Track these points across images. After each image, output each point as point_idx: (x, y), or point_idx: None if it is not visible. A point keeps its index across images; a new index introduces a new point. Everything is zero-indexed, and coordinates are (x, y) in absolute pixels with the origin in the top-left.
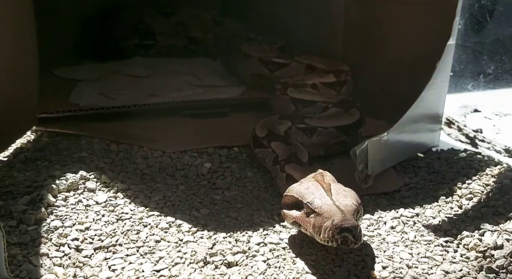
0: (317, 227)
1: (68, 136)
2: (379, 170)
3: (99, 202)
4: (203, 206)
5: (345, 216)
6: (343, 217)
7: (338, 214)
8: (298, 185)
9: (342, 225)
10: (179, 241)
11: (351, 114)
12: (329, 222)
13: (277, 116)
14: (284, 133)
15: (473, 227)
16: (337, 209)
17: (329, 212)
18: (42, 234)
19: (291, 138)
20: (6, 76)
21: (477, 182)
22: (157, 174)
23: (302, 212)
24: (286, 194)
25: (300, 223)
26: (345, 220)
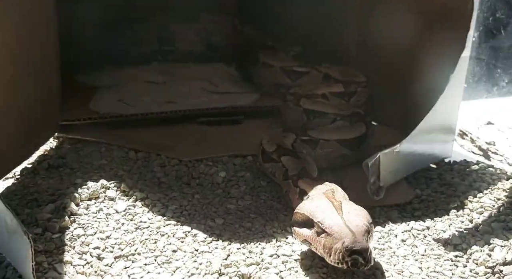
0: (327, 248)
1: (89, 143)
2: (391, 182)
3: (119, 210)
4: (218, 215)
5: (355, 237)
6: (353, 239)
7: (349, 236)
8: (309, 203)
9: (352, 248)
10: (195, 251)
11: (355, 128)
12: (340, 243)
13: (281, 129)
14: (291, 146)
15: (483, 242)
16: (348, 230)
17: (340, 233)
18: (66, 242)
19: (299, 152)
20: (31, 83)
21: (489, 196)
22: (174, 182)
23: (313, 231)
24: (297, 211)
25: (310, 242)
26: (356, 242)
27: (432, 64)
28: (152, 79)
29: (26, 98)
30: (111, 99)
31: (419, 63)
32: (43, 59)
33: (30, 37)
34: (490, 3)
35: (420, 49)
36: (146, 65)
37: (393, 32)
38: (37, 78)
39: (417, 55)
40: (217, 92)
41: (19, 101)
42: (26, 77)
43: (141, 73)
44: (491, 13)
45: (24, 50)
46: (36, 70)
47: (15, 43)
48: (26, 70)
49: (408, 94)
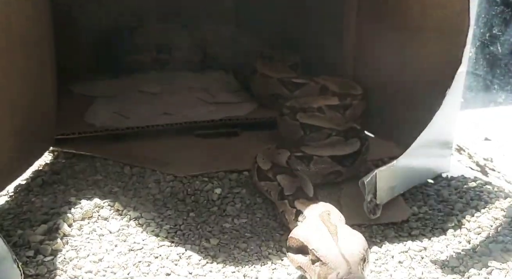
0: (321, 278)
1: (84, 157)
2: (388, 199)
3: (112, 231)
4: (213, 235)
5: (350, 268)
6: (348, 270)
7: (343, 266)
8: (304, 228)
9: None
10: (189, 274)
11: (349, 144)
12: (334, 274)
13: (274, 146)
14: (286, 163)
15: (481, 265)
16: (343, 260)
17: (335, 263)
18: (58, 266)
19: (294, 169)
20: (26, 97)
21: (486, 215)
22: (169, 199)
23: (308, 258)
24: (291, 236)
25: (305, 269)
26: (350, 273)
27: (428, 78)
28: (148, 89)
29: (22, 113)
30: (107, 111)
31: (415, 78)
32: (39, 73)
33: (26, 53)
34: (486, 19)
35: (417, 63)
36: (144, 74)
37: (389, 48)
38: (32, 93)
39: (414, 70)
40: (214, 102)
41: (14, 116)
42: (22, 92)
43: (138, 82)
44: (488, 29)
45: (19, 65)
46: (32, 85)
47: (10, 58)
48: (22, 85)
49: (405, 107)
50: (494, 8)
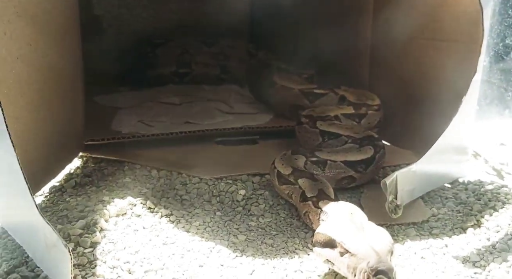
0: (351, 268)
1: (112, 162)
2: (408, 200)
3: (146, 226)
4: (240, 232)
5: (380, 258)
6: (378, 259)
7: (373, 256)
8: (329, 223)
9: (377, 268)
10: (220, 266)
11: (363, 151)
12: (364, 263)
13: (290, 152)
14: (304, 168)
15: (501, 259)
16: (372, 251)
17: (364, 254)
18: (98, 257)
19: (314, 174)
20: (58, 106)
21: (504, 214)
22: (195, 199)
23: (336, 252)
24: (318, 232)
25: (333, 262)
26: (381, 262)
27: (444, 87)
28: (169, 100)
29: (54, 120)
30: (132, 119)
31: (432, 87)
32: (70, 83)
33: (60, 63)
34: (499, 30)
35: (433, 73)
36: (164, 87)
37: (405, 57)
38: (63, 102)
39: (429, 79)
40: (232, 112)
41: (47, 123)
42: (54, 101)
43: (158, 94)
44: (501, 39)
45: (53, 75)
46: (63, 94)
47: (46, 69)
48: (54, 94)
49: (421, 116)
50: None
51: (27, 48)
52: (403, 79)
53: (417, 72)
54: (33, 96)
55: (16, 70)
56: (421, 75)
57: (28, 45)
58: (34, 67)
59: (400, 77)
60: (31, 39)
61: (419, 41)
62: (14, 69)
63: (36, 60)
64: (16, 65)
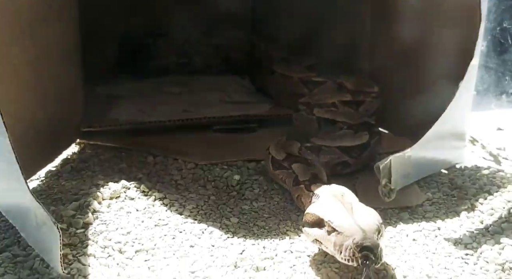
0: (338, 246)
1: (109, 149)
2: (402, 185)
3: (139, 209)
4: (233, 215)
5: (366, 234)
6: (364, 235)
7: (359, 233)
8: (319, 204)
9: (363, 244)
10: (211, 246)
11: (358, 137)
12: (350, 240)
13: (284, 138)
14: (298, 153)
15: (493, 241)
16: (358, 228)
17: (350, 231)
18: (89, 237)
19: (308, 159)
20: (55, 92)
21: (499, 198)
22: (190, 184)
23: (323, 231)
24: (307, 212)
25: (321, 241)
26: (366, 238)
27: (442, 73)
28: (169, 90)
29: (50, 106)
30: (130, 108)
31: (429, 74)
32: (67, 69)
33: (57, 50)
34: (496, 15)
35: (430, 58)
36: (165, 77)
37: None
38: (60, 88)
39: (428, 64)
40: (232, 102)
41: (44, 108)
42: (51, 87)
43: (159, 84)
44: (498, 23)
45: (50, 61)
46: (60, 80)
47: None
48: (50, 80)
49: (420, 103)
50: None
51: (22, 34)
52: (401, 65)
53: (416, 57)
54: (29, 81)
55: (11, 55)
56: (419, 61)
57: (23, 31)
58: (30, 53)
59: (398, 63)
60: (26, 24)
61: (418, 27)
62: (9, 54)
63: (32, 46)
64: (12, 50)
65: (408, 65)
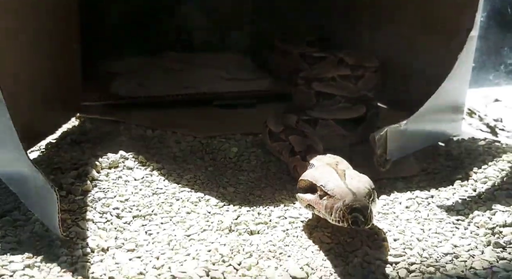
0: (329, 208)
1: (109, 122)
2: (398, 156)
3: (137, 178)
4: (230, 185)
5: (355, 197)
6: (354, 198)
7: (349, 196)
8: (313, 170)
9: (352, 205)
10: (207, 213)
11: (355, 110)
12: (340, 203)
13: (282, 111)
14: (296, 125)
15: (485, 208)
16: (349, 191)
17: (341, 194)
18: (88, 203)
19: (304, 131)
20: (55, 66)
21: (493, 167)
22: (188, 156)
23: (316, 195)
24: (301, 179)
25: (313, 206)
26: (356, 200)
27: (441, 45)
28: (169, 66)
29: (50, 81)
30: (131, 83)
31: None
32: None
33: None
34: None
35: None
36: (165, 54)
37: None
38: (59, 63)
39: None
40: (231, 78)
41: (43, 83)
42: (49, 62)
43: (160, 61)
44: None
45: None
46: (60, 54)
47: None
48: (51, 54)
49: (418, 79)
50: None
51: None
52: (401, 38)
53: (416, 30)
54: (28, 55)
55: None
56: (419, 33)
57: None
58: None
59: (398, 37)
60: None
61: None
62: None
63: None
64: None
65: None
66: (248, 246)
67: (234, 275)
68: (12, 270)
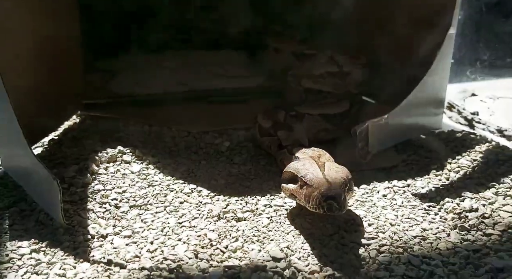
0: (307, 197)
1: (108, 120)
2: (379, 149)
3: (134, 171)
4: (221, 177)
5: (331, 186)
6: (329, 187)
7: (325, 185)
8: (296, 163)
9: (327, 194)
10: (199, 203)
11: (339, 105)
12: (317, 191)
13: (271, 107)
14: (284, 121)
15: (455, 195)
16: (325, 181)
17: (318, 183)
18: (88, 195)
19: (292, 126)
20: (58, 66)
21: (466, 158)
22: (183, 151)
23: (297, 185)
24: (285, 170)
25: (295, 195)
26: (331, 189)
27: (423, 42)
28: (166, 64)
29: (52, 81)
30: (129, 82)
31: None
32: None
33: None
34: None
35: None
36: (163, 51)
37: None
38: (61, 64)
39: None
40: (226, 75)
41: (47, 81)
42: (52, 63)
43: (158, 59)
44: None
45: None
46: (62, 55)
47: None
48: (54, 56)
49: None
50: None
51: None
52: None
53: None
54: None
55: (13, 29)
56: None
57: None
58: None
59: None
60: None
61: None
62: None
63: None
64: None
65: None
66: (235, 231)
67: (220, 257)
68: (20, 254)
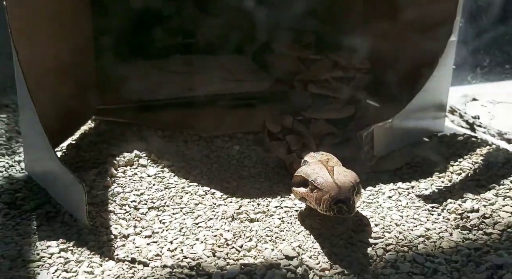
0: (318, 200)
1: (122, 124)
2: (384, 152)
3: (150, 174)
4: (233, 180)
5: (340, 190)
6: (339, 191)
7: (335, 189)
8: (306, 167)
9: (337, 197)
10: (213, 204)
11: (344, 110)
12: (327, 195)
13: (278, 113)
14: (292, 126)
15: (457, 196)
16: (335, 185)
17: (328, 187)
18: (109, 197)
19: (300, 131)
20: (75, 73)
21: (468, 160)
22: (195, 154)
23: (308, 189)
24: (295, 174)
25: (306, 198)
26: (340, 193)
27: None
28: (174, 69)
29: (69, 89)
30: (140, 87)
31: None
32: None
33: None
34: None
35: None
36: (170, 57)
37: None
38: (79, 72)
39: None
40: (234, 80)
41: (64, 89)
42: (71, 72)
43: (165, 64)
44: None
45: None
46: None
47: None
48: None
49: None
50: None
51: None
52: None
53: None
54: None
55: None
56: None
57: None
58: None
59: (386, 39)
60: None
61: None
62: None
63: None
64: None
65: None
66: (249, 232)
67: (236, 256)
68: (50, 253)
